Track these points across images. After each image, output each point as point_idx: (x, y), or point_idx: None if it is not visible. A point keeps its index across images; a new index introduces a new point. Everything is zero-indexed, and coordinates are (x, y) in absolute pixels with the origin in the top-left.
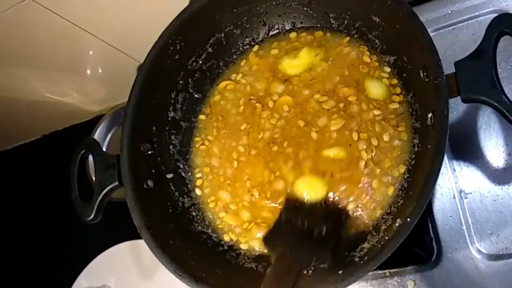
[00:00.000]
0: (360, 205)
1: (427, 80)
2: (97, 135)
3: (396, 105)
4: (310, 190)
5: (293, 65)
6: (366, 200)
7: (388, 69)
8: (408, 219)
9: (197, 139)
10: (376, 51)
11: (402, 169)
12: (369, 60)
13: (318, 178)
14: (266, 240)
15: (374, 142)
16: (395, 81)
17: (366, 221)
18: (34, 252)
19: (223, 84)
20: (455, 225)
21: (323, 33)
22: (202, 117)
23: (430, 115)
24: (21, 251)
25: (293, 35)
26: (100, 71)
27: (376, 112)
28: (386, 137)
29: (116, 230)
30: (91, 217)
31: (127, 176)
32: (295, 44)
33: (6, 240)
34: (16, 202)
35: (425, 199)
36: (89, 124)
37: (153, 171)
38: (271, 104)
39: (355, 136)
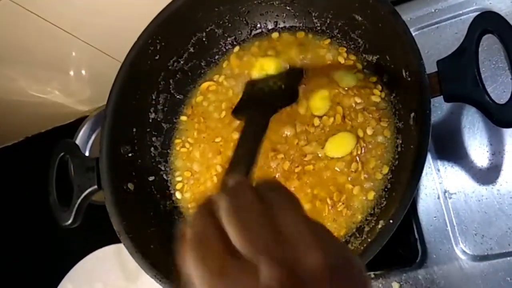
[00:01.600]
0: (338, 209)
1: (409, 79)
2: (80, 137)
3: (378, 99)
4: None
5: (265, 66)
6: (342, 208)
7: (359, 66)
8: (391, 221)
9: (177, 141)
10: (357, 51)
11: (386, 170)
12: (343, 61)
13: None
14: (235, 113)
15: (360, 133)
16: (374, 78)
17: (345, 226)
18: (16, 256)
19: (205, 85)
20: (440, 226)
21: (305, 34)
22: (183, 118)
23: (412, 114)
24: (2, 255)
25: (275, 35)
26: (83, 72)
27: (358, 100)
28: (369, 131)
29: (100, 233)
30: (70, 221)
31: (106, 179)
32: (276, 43)
33: None
34: None
35: (408, 200)
36: (72, 126)
37: (134, 173)
38: None
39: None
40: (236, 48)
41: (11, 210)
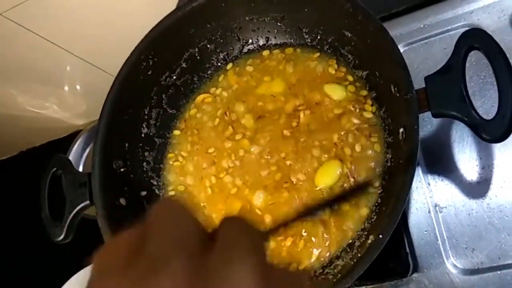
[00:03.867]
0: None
1: (398, 95)
2: (74, 151)
3: (369, 114)
4: None
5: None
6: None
7: (351, 78)
8: (381, 236)
9: (170, 155)
10: (348, 66)
11: (376, 183)
12: (334, 72)
13: None
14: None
15: (347, 151)
16: (364, 92)
17: (336, 244)
18: (7, 271)
19: (200, 97)
20: (431, 240)
21: (293, 49)
22: (176, 132)
23: (401, 130)
24: None
25: (266, 53)
26: (78, 86)
27: (355, 120)
28: (358, 147)
29: (93, 248)
30: (62, 237)
31: (98, 195)
32: (266, 62)
33: None
34: None
35: (397, 215)
36: (67, 140)
37: (126, 188)
38: (238, 137)
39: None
40: (229, 65)
41: (4, 224)
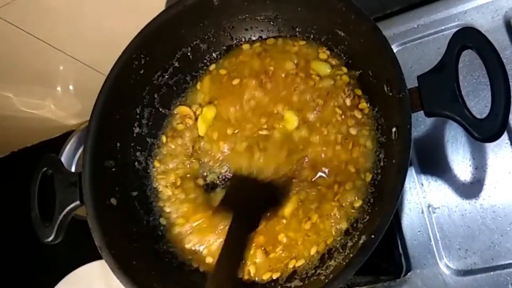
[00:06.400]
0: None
1: (391, 94)
2: (66, 151)
3: (362, 113)
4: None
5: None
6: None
7: (345, 69)
8: (373, 236)
9: (156, 163)
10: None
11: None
12: (325, 57)
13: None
14: (223, 203)
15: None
16: (359, 91)
17: (333, 233)
18: None
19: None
20: (424, 241)
21: (274, 40)
22: (163, 138)
23: (394, 129)
24: None
25: (246, 46)
26: (71, 86)
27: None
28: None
29: (86, 249)
30: (51, 237)
31: (89, 195)
32: (241, 58)
33: None
34: None
35: (389, 215)
36: (59, 140)
37: (117, 188)
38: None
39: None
40: (212, 66)
41: None
